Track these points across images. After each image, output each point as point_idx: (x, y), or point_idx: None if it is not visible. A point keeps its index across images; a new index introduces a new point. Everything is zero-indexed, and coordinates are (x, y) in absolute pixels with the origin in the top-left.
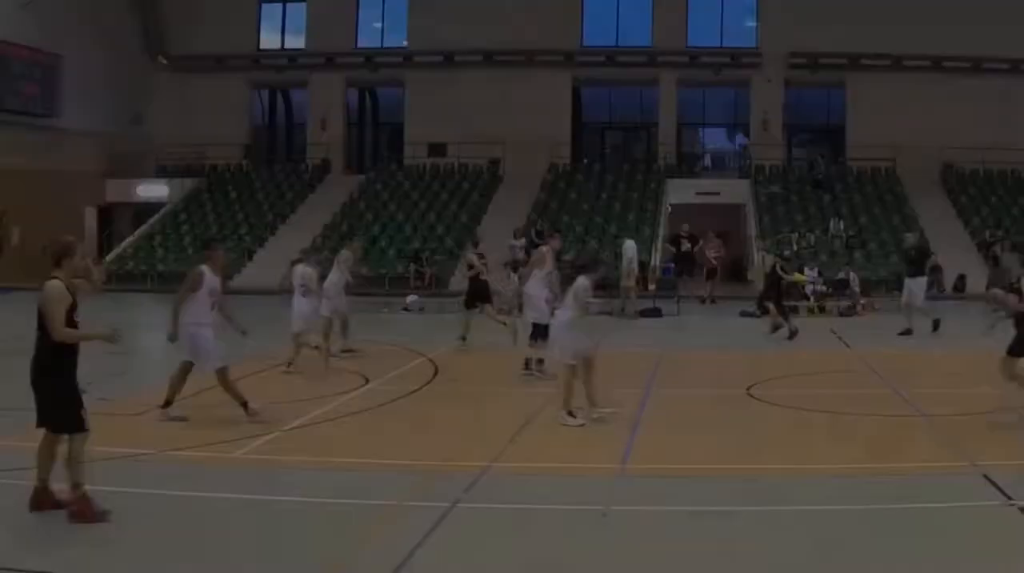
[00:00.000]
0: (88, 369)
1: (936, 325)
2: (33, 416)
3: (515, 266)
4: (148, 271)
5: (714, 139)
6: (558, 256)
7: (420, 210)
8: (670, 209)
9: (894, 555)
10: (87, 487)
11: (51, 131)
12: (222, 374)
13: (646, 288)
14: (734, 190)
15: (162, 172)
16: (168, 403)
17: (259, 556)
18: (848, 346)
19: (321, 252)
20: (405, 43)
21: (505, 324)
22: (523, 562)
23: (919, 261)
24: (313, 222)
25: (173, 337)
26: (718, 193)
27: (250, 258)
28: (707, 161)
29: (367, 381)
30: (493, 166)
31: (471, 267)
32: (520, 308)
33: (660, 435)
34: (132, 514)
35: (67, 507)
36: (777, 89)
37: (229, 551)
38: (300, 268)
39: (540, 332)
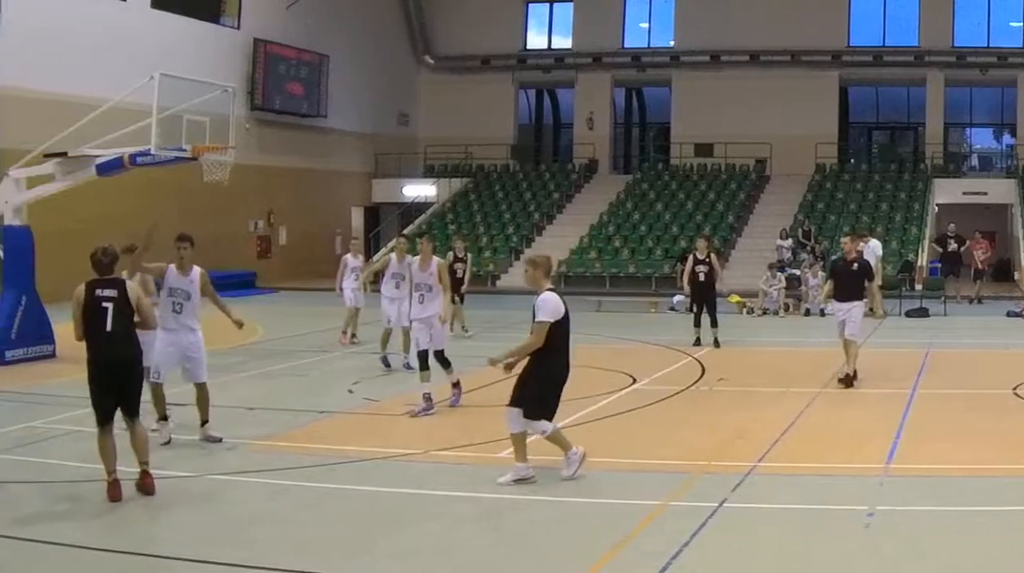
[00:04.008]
0: (355, 371)
1: None
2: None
3: (781, 266)
4: None
5: (981, 139)
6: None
7: (687, 210)
8: (937, 209)
9: None
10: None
11: (317, 131)
12: (155, 387)
13: (913, 288)
14: (1001, 190)
15: (429, 172)
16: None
17: (521, 555)
18: None
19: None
20: (672, 43)
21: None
22: (791, 562)
23: None
24: (580, 221)
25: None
26: (985, 193)
27: (517, 258)
28: (974, 161)
29: (634, 381)
30: (759, 166)
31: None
32: (787, 307)
33: (925, 435)
34: (398, 513)
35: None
36: None
37: (490, 550)
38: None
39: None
